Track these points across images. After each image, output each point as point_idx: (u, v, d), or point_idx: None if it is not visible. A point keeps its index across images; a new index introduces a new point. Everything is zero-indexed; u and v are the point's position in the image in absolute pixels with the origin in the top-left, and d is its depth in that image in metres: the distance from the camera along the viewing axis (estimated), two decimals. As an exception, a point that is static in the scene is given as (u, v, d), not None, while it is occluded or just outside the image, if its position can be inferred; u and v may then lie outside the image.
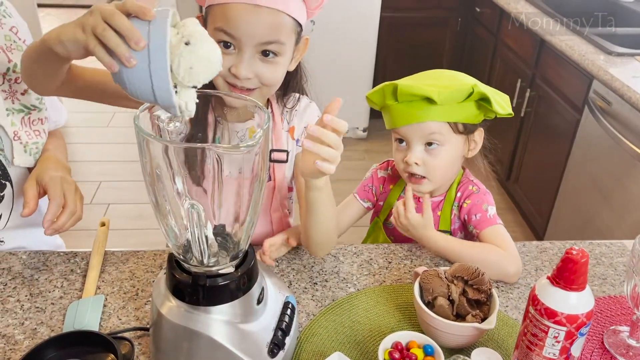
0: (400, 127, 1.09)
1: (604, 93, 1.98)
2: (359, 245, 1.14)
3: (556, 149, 2.33)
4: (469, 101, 1.05)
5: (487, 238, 1.08)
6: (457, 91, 1.03)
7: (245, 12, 0.87)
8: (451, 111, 1.05)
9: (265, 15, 0.88)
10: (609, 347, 0.90)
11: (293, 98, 1.08)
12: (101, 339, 0.80)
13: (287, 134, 1.09)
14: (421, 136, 1.08)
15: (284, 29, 0.90)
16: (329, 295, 1.00)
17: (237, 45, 0.90)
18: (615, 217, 1.97)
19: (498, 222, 1.09)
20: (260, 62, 0.92)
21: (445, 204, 1.15)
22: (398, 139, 1.12)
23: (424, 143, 1.09)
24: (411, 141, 1.09)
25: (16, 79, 1.03)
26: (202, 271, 0.74)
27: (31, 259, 1.05)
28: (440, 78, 1.08)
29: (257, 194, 0.75)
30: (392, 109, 1.08)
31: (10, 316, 0.92)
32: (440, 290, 0.89)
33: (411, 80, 1.08)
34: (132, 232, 2.50)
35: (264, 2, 0.87)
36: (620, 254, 1.14)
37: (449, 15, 3.25)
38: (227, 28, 0.88)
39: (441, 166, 1.10)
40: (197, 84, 0.66)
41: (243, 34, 0.88)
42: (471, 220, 1.11)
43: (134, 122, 0.67)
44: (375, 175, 1.25)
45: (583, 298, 0.71)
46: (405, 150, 1.11)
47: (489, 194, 1.14)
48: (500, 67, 2.88)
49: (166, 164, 0.69)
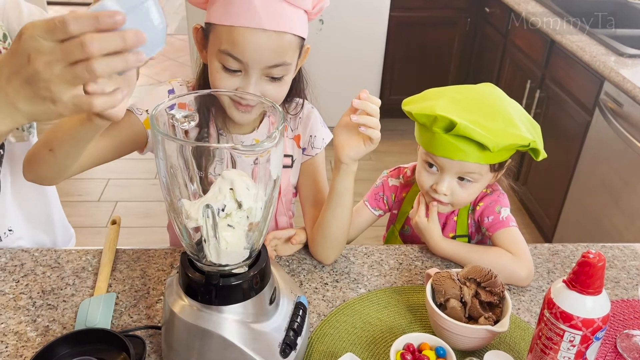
0: (440, 157, 1.04)
1: (615, 94, 1.96)
2: (370, 246, 1.14)
3: (566, 150, 2.32)
4: (517, 148, 1.02)
5: (499, 240, 1.07)
6: (513, 144, 0.98)
7: (252, 36, 0.85)
8: (498, 155, 1.01)
9: (273, 39, 0.86)
10: (622, 351, 0.90)
11: (296, 104, 1.07)
12: (113, 337, 0.80)
13: (292, 142, 1.09)
14: (458, 171, 1.04)
15: (290, 50, 0.89)
16: (340, 296, 1.00)
17: (244, 69, 0.88)
18: (625, 220, 1.96)
19: (511, 224, 1.08)
20: (266, 83, 0.91)
21: (462, 210, 1.15)
22: (429, 162, 1.07)
23: (457, 176, 1.05)
24: (445, 171, 1.05)
25: None
26: (215, 270, 0.74)
27: (43, 256, 1.05)
28: (495, 117, 1.00)
29: (270, 194, 0.75)
30: (437, 137, 1.01)
31: (23, 313, 0.92)
32: (453, 292, 0.89)
33: (468, 114, 0.99)
34: (140, 230, 2.51)
35: (271, 25, 0.85)
36: (634, 258, 1.13)
37: (459, 15, 3.24)
38: (233, 52, 0.86)
39: (468, 197, 1.08)
40: None
41: (250, 58, 0.86)
42: (484, 222, 1.11)
43: (150, 121, 0.67)
44: (386, 184, 1.22)
45: (599, 302, 0.70)
46: (436, 176, 1.07)
47: (503, 195, 1.13)
48: (509, 67, 2.87)
49: (181, 163, 0.69)
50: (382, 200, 1.22)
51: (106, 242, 1.06)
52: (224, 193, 0.70)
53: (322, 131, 1.10)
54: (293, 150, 1.08)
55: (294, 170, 1.10)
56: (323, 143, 1.09)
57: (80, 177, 2.93)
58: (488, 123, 0.98)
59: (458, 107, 1.01)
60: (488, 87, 1.09)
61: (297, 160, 1.09)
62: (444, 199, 1.07)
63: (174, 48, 4.68)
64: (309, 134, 1.08)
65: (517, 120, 1.01)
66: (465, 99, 1.03)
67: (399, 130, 1.06)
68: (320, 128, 1.10)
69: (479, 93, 1.06)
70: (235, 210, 0.71)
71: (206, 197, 0.72)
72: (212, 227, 0.71)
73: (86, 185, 2.86)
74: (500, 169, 1.09)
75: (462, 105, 1.01)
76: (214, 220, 0.70)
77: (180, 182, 0.72)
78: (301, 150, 1.09)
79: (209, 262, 0.75)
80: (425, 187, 1.09)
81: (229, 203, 0.71)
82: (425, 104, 1.03)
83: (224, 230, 0.72)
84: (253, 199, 0.71)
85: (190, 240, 0.76)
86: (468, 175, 1.04)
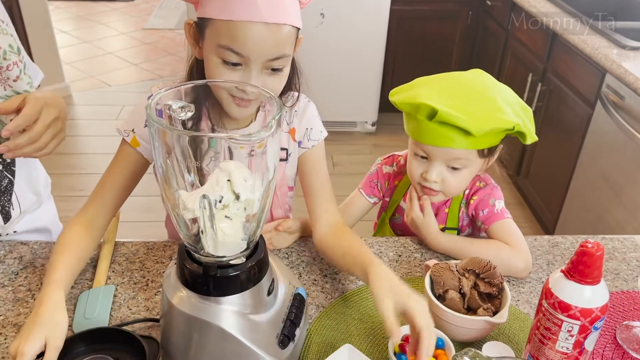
0: (426, 145, 1.05)
1: (616, 87, 1.96)
2: (369, 239, 1.13)
3: (567, 143, 2.31)
4: (504, 132, 1.03)
5: (495, 233, 1.07)
6: (497, 128, 0.99)
7: (253, 30, 0.84)
8: (484, 141, 1.02)
9: (273, 32, 0.85)
10: (622, 342, 0.90)
11: (292, 97, 1.07)
12: (128, 336, 0.78)
13: (287, 135, 1.08)
14: (446, 159, 1.04)
15: (289, 41, 0.88)
16: (339, 288, 0.99)
17: (245, 62, 0.87)
18: (627, 213, 1.95)
19: (506, 216, 1.08)
20: (267, 76, 0.90)
21: (454, 202, 1.14)
22: (417, 152, 1.08)
23: (447, 164, 1.06)
24: (434, 160, 1.05)
25: (7, 67, 0.98)
26: (213, 261, 0.74)
27: (42, 249, 1.05)
28: (479, 101, 1.01)
29: (267, 185, 0.75)
30: (422, 125, 1.02)
31: (22, 305, 0.92)
32: (452, 283, 0.89)
33: (450, 99, 1.00)
34: (141, 225, 2.51)
35: (272, 19, 0.84)
36: (634, 249, 1.13)
37: (460, 9, 3.22)
38: (234, 47, 0.85)
39: (459, 185, 1.08)
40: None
41: (252, 52, 0.85)
42: (479, 215, 1.10)
43: (145, 111, 0.66)
44: (380, 171, 1.23)
45: (598, 292, 0.70)
46: (425, 165, 1.07)
47: (497, 188, 1.13)
48: (511, 61, 2.85)
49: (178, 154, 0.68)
50: (376, 188, 1.22)
51: (105, 235, 1.06)
52: (222, 184, 0.70)
53: (320, 124, 1.10)
54: (288, 144, 1.08)
55: (289, 163, 1.09)
56: (321, 136, 1.09)
57: (81, 172, 2.94)
58: (471, 108, 0.99)
59: (442, 94, 1.01)
60: (475, 73, 1.09)
61: (293, 154, 1.08)
62: (435, 187, 1.07)
63: (175, 43, 4.67)
64: (304, 126, 1.07)
65: (503, 104, 1.01)
66: (450, 85, 1.04)
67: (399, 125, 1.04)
68: (317, 121, 1.09)
69: (465, 79, 1.07)
70: (233, 202, 0.71)
71: (203, 188, 0.71)
72: (209, 218, 0.70)
73: (87, 180, 2.87)
74: (490, 155, 1.09)
75: (447, 92, 1.02)
76: (211, 211, 0.70)
77: (177, 173, 0.71)
78: (297, 143, 1.08)
79: (207, 254, 0.75)
80: (415, 177, 1.10)
81: (227, 194, 0.70)
82: (409, 93, 1.04)
83: (221, 221, 0.72)
84: (250, 190, 0.71)
85: (188, 232, 0.76)
86: (456, 162, 1.04)
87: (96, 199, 0.99)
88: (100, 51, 4.51)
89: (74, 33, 4.82)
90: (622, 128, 1.91)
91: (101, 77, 4.05)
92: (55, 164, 2.79)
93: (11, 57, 0.96)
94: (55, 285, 0.83)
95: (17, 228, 1.10)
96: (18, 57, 0.98)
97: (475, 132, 0.97)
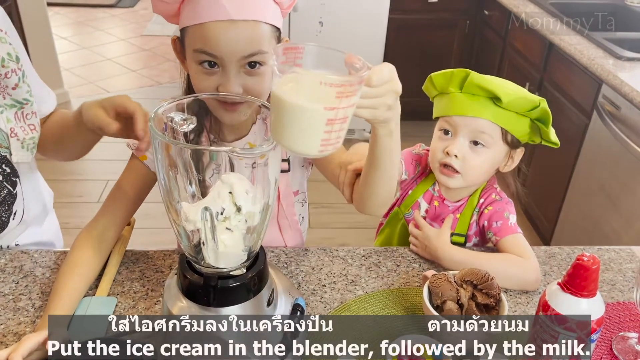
0: (454, 115, 1.09)
1: (613, 98, 1.97)
2: (368, 248, 1.14)
3: (564, 153, 2.32)
4: (528, 117, 1.07)
5: (506, 246, 1.08)
6: (524, 99, 1.05)
7: (222, 29, 0.85)
8: (509, 118, 1.06)
9: (243, 29, 0.86)
10: (618, 353, 0.90)
11: None
12: (127, 346, 0.78)
13: None
14: (471, 130, 1.08)
15: (264, 38, 0.89)
16: (338, 298, 1.00)
17: (221, 63, 0.88)
18: (623, 222, 1.96)
19: (518, 231, 1.10)
20: (246, 76, 0.90)
21: (467, 208, 1.16)
22: (444, 130, 1.12)
23: (470, 139, 1.09)
24: (459, 133, 1.09)
25: (6, 74, 0.98)
26: (214, 272, 0.75)
27: (42, 257, 1.06)
28: (508, 83, 1.08)
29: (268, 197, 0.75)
30: (452, 97, 1.08)
31: (22, 314, 0.92)
32: (450, 294, 0.89)
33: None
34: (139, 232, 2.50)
35: (239, 15, 0.85)
36: (630, 260, 1.14)
37: (458, 18, 3.24)
38: (207, 48, 0.87)
39: (479, 167, 1.10)
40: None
41: (224, 51, 0.87)
42: (491, 226, 1.12)
43: (149, 124, 0.67)
44: (424, 158, 1.21)
45: (594, 304, 0.71)
46: (449, 141, 1.11)
47: (510, 203, 1.15)
48: (508, 70, 2.87)
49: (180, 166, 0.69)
50: (414, 165, 1.22)
51: (117, 243, 1.06)
52: (223, 197, 0.71)
53: None
54: (287, 153, 1.09)
55: (291, 174, 1.10)
56: None
57: (79, 178, 2.94)
58: (500, 81, 1.07)
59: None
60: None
61: (295, 163, 1.09)
62: (456, 164, 1.09)
63: (174, 49, 4.69)
64: None
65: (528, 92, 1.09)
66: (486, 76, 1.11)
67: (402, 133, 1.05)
68: None
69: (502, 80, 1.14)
70: (234, 214, 0.72)
71: (205, 200, 0.72)
72: (211, 230, 0.71)
73: (86, 186, 2.87)
74: (512, 147, 1.11)
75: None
76: (212, 223, 0.71)
77: (179, 185, 0.72)
78: None
79: (207, 265, 0.75)
80: (437, 155, 1.12)
81: (228, 206, 0.71)
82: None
83: (222, 233, 0.73)
84: (252, 202, 0.72)
85: (189, 243, 0.77)
86: (480, 136, 1.08)
87: (107, 212, 1.00)
88: (99, 57, 4.52)
89: (73, 39, 4.84)
90: (618, 138, 1.92)
91: (100, 83, 4.06)
92: (54, 170, 2.79)
93: (9, 64, 0.96)
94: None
95: (20, 241, 1.11)
96: (17, 65, 0.98)
97: (503, 97, 1.03)
